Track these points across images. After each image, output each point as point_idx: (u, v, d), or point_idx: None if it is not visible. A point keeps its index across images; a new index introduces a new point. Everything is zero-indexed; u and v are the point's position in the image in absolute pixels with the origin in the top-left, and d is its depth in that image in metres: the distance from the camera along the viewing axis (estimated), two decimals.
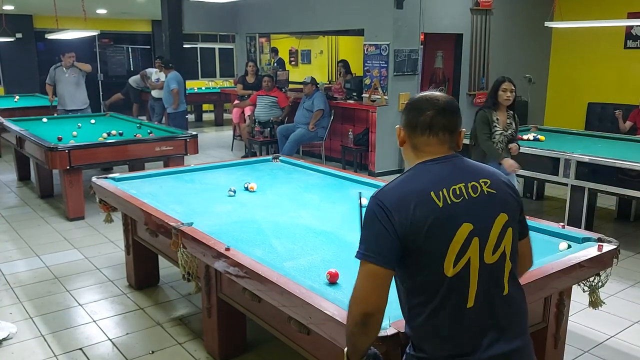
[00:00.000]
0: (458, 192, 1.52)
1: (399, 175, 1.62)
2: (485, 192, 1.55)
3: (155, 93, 9.77)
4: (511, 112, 4.53)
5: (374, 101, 7.68)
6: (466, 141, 4.49)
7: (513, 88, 4.41)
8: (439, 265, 1.48)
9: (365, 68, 7.89)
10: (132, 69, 14.56)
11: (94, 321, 3.56)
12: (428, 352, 1.53)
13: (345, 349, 1.60)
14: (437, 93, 1.64)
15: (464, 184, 1.54)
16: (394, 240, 1.47)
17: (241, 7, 10.19)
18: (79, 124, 6.94)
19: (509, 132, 4.47)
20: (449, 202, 1.50)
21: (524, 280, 2.20)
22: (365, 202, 1.66)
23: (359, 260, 1.50)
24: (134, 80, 11.58)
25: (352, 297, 1.51)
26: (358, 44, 10.18)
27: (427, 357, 1.54)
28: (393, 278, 1.55)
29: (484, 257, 1.51)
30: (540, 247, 2.69)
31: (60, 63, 7.86)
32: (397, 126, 1.69)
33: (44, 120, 7.18)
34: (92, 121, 7.28)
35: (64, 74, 7.85)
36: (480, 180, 1.57)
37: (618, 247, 2.59)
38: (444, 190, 1.51)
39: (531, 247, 1.75)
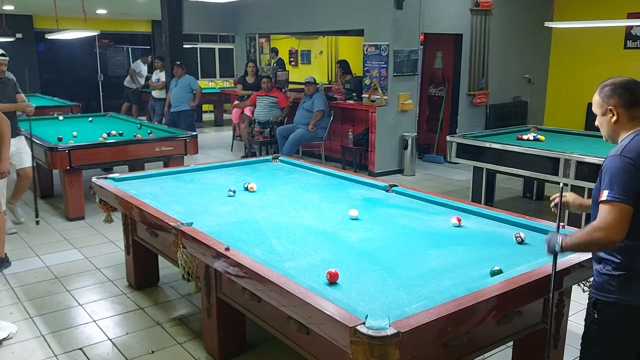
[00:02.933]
0: None
1: (626, 137, 2.03)
2: None
3: (155, 93, 9.77)
4: None
5: (373, 101, 7.68)
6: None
7: None
8: None
9: (365, 68, 7.89)
10: None
11: (94, 321, 3.56)
12: (633, 268, 1.99)
13: (561, 242, 2.05)
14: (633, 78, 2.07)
15: None
16: (636, 183, 1.90)
17: (241, 8, 10.19)
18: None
19: None
20: None
21: (522, 279, 2.22)
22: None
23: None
24: (127, 81, 11.61)
25: (603, 229, 1.89)
26: (358, 44, 10.18)
27: (629, 272, 1.99)
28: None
29: None
30: (540, 247, 2.69)
31: None
32: (609, 107, 2.10)
33: None
34: (90, 119, 7.30)
35: None
36: None
37: None
38: None
39: None
